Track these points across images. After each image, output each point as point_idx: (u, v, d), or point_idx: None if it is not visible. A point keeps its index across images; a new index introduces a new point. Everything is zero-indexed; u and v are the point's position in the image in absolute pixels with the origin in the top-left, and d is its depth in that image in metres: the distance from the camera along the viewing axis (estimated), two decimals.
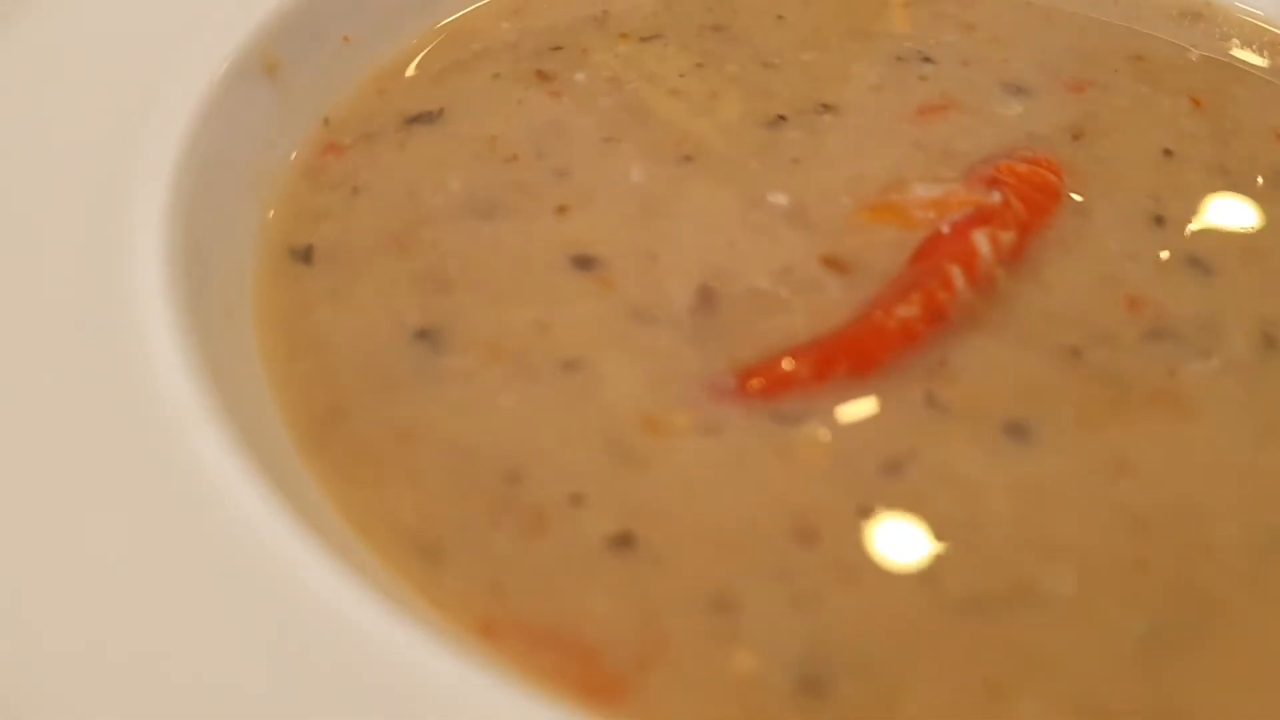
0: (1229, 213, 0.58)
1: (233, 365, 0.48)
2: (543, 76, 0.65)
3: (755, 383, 0.49)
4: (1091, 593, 0.43)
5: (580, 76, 0.65)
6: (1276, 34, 0.70)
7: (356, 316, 0.52)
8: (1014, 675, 0.41)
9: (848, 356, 0.50)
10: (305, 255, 0.55)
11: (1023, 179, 0.58)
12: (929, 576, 0.43)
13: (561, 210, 0.57)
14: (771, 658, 0.41)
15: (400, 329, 0.51)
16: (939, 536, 0.45)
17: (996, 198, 0.56)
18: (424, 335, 0.51)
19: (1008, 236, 0.54)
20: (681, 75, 0.66)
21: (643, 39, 0.68)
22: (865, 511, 0.45)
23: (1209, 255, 0.56)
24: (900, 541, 0.44)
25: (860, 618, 0.42)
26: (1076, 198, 0.58)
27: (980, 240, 0.53)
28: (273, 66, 0.59)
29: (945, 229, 0.55)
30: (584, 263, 0.55)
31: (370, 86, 0.64)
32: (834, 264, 0.55)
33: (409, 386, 0.49)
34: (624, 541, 0.44)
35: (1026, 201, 0.57)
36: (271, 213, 0.55)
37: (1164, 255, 0.56)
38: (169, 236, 0.49)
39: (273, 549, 0.40)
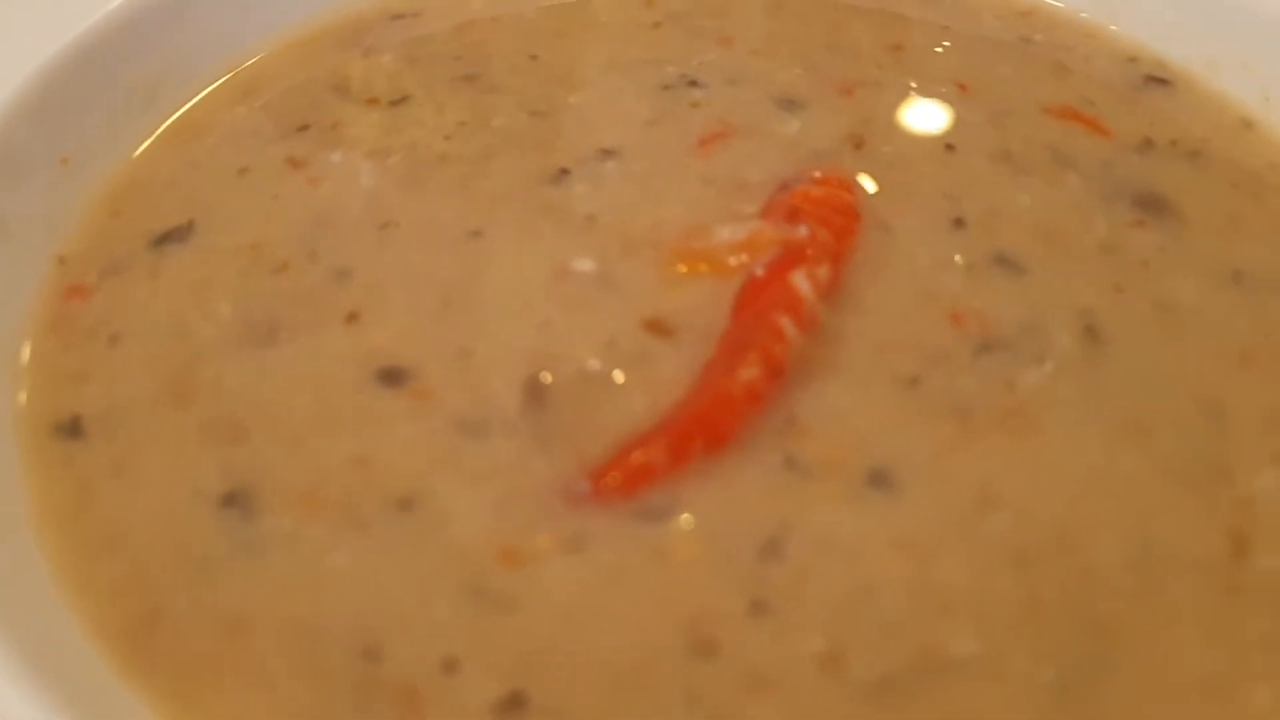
0: (1023, 200, 0.58)
1: (15, 585, 0.41)
2: (295, 164, 0.60)
3: (611, 480, 0.46)
4: (995, 646, 0.42)
5: (336, 157, 0.60)
6: (1023, 5, 0.71)
7: (148, 491, 0.46)
8: None
9: (701, 433, 0.47)
10: (73, 428, 0.48)
11: (821, 204, 0.56)
12: (836, 663, 0.41)
13: (352, 318, 0.52)
14: None
15: (200, 497, 0.46)
16: (836, 615, 0.42)
17: (802, 231, 0.54)
18: (230, 500, 0.46)
19: (823, 271, 0.53)
20: (447, 138, 0.61)
21: (393, 103, 0.64)
22: (758, 606, 0.43)
23: (1015, 251, 0.56)
24: (798, 631, 0.42)
25: None
26: (875, 213, 0.57)
27: (800, 281, 0.52)
28: None
29: (760, 272, 0.53)
30: (391, 376, 0.50)
31: (102, 210, 0.57)
32: (656, 328, 0.52)
33: (227, 565, 0.44)
34: (514, 703, 0.40)
35: (831, 228, 0.55)
36: (23, 395, 0.48)
37: (972, 260, 0.55)
38: None
39: None
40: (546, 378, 0.49)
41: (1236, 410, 0.50)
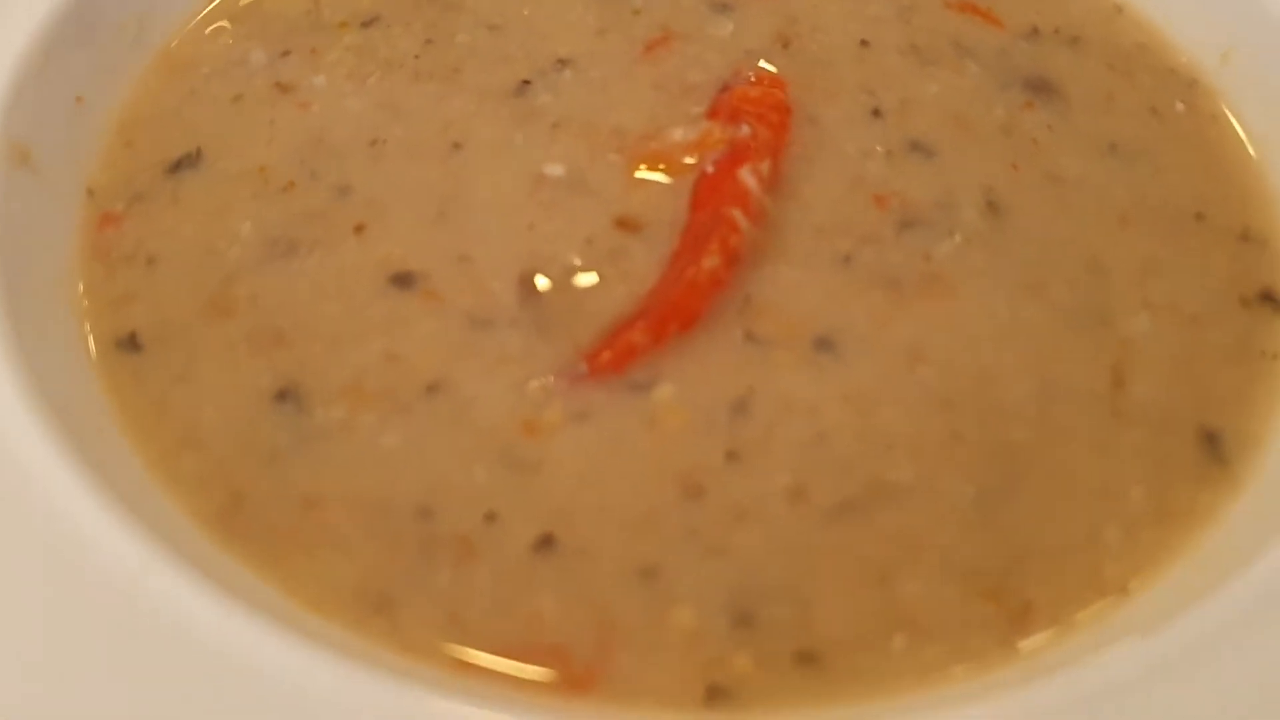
0: (931, 90, 0.67)
1: (123, 482, 0.49)
2: (283, 89, 0.66)
3: (603, 360, 0.54)
4: (927, 473, 0.52)
5: (320, 80, 0.66)
6: None
7: (212, 395, 0.54)
8: (894, 561, 0.50)
9: (674, 315, 0.55)
10: (132, 343, 0.55)
11: (758, 103, 0.64)
12: (801, 495, 0.51)
13: (360, 230, 0.59)
14: (705, 607, 0.48)
15: (259, 396, 0.54)
16: (798, 458, 0.52)
17: (745, 130, 0.62)
18: (284, 396, 0.54)
19: (765, 166, 0.61)
20: (416, 56, 0.67)
21: (363, 24, 0.69)
22: (733, 455, 0.52)
23: (926, 136, 0.64)
24: (769, 473, 0.52)
25: (763, 550, 0.50)
26: (804, 108, 0.65)
27: (747, 178, 0.60)
28: (24, 155, 0.57)
29: (710, 169, 0.61)
30: (404, 280, 0.57)
31: (118, 142, 0.63)
32: (627, 225, 0.60)
33: (293, 453, 0.52)
34: (547, 543, 0.49)
35: (768, 125, 0.63)
36: (85, 320, 0.55)
37: (890, 147, 0.64)
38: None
39: (241, 654, 0.43)
40: (539, 276, 0.57)
41: (1116, 264, 0.60)
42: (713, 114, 0.64)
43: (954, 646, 0.48)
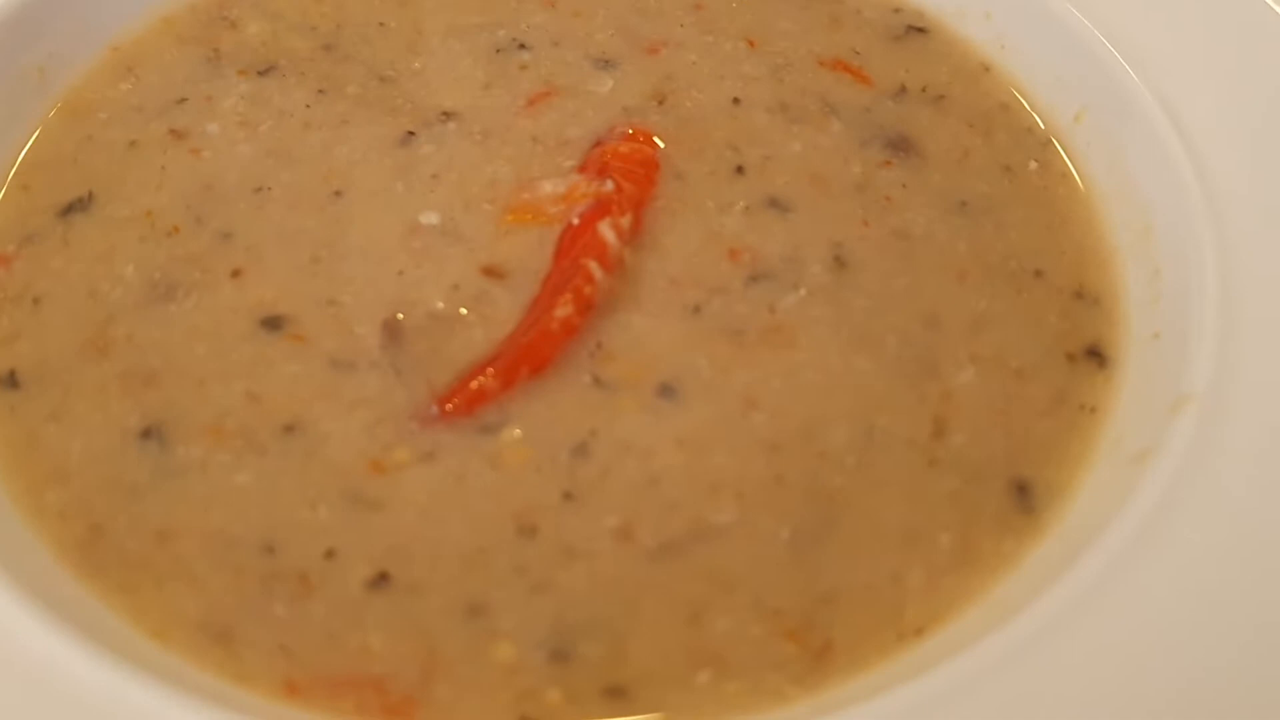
0: (794, 148, 0.70)
1: None
2: (177, 135, 0.69)
3: (454, 404, 0.58)
4: (749, 515, 0.56)
5: (213, 128, 0.70)
6: None
7: (81, 432, 0.57)
8: (707, 600, 0.53)
9: (525, 361, 0.59)
10: (11, 381, 0.59)
11: (627, 159, 0.68)
12: (627, 535, 0.55)
13: (236, 275, 0.63)
14: (525, 642, 0.52)
15: (125, 434, 0.57)
16: (629, 499, 0.56)
17: (609, 186, 0.66)
18: (148, 434, 0.57)
19: (626, 220, 0.65)
20: (308, 106, 0.71)
21: (260, 73, 0.73)
22: (569, 496, 0.56)
23: (783, 193, 0.68)
24: (599, 514, 0.55)
25: (587, 587, 0.53)
26: (672, 164, 0.69)
27: (606, 231, 0.63)
28: None
29: (575, 220, 0.65)
30: (273, 323, 0.61)
31: (15, 185, 0.66)
32: (493, 272, 0.63)
33: (153, 488, 0.55)
34: (382, 580, 0.53)
35: (634, 180, 0.67)
36: None
37: (749, 202, 0.67)
38: None
39: (87, 689, 0.47)
40: (401, 317, 0.61)
41: (950, 318, 0.63)
42: (583, 168, 0.68)
43: (753, 683, 0.51)
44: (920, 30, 0.78)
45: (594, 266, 0.62)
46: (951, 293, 0.65)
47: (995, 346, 0.62)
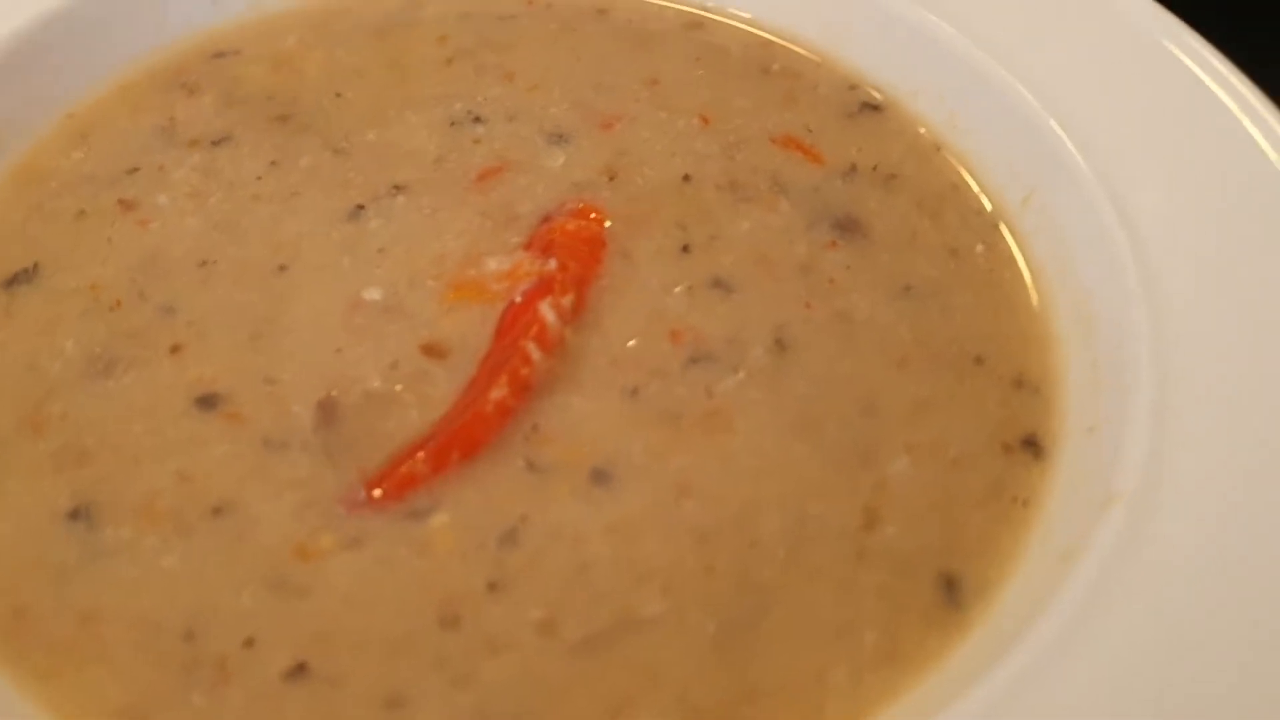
0: (742, 227, 0.71)
1: None
2: (126, 206, 0.70)
3: (383, 489, 0.58)
4: (676, 607, 0.55)
5: (163, 199, 0.70)
6: (765, 37, 0.83)
7: (11, 512, 0.57)
8: (630, 694, 0.53)
9: (457, 445, 0.59)
10: None
11: (573, 236, 0.68)
12: (551, 628, 0.55)
13: (176, 350, 0.63)
14: None
15: (54, 515, 0.57)
16: (556, 589, 0.56)
17: (552, 265, 0.66)
18: (77, 515, 0.57)
19: (568, 299, 0.65)
20: (259, 178, 0.71)
21: (214, 143, 0.73)
22: (495, 585, 0.56)
23: (728, 273, 0.68)
24: (524, 604, 0.55)
25: (507, 681, 0.53)
26: (619, 242, 0.69)
27: (546, 311, 0.64)
28: None
29: (518, 298, 0.65)
30: (209, 402, 0.61)
31: None
32: (433, 351, 0.64)
33: (79, 570, 0.55)
34: (300, 671, 0.53)
35: (579, 258, 0.67)
36: None
37: (693, 283, 0.67)
38: None
39: None
40: (337, 400, 0.61)
41: (889, 405, 0.63)
42: (529, 245, 0.68)
43: None
44: (874, 108, 0.79)
45: (532, 348, 0.62)
46: (892, 378, 0.65)
47: (933, 435, 0.62)
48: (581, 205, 0.71)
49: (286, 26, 0.81)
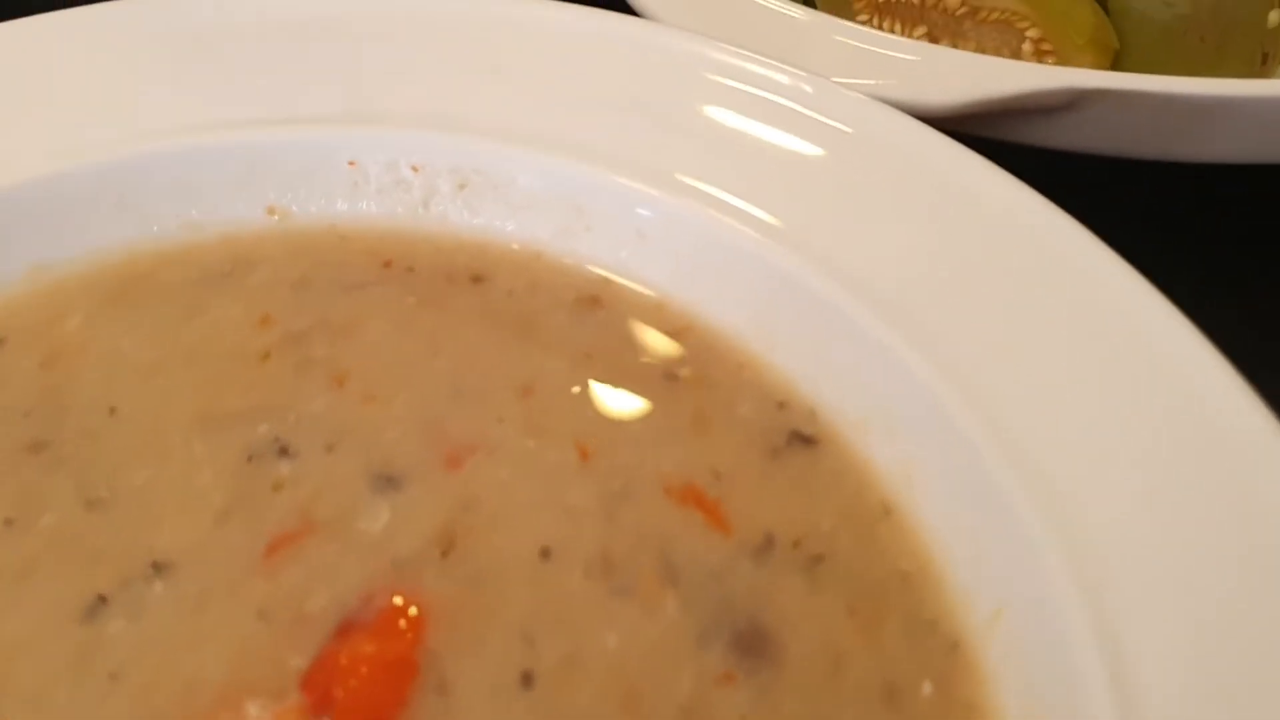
0: (609, 641, 0.53)
1: None
2: None
3: None
4: None
5: None
6: (677, 322, 0.65)
7: None
8: None
9: None
10: None
11: (372, 663, 0.51)
12: None
13: None
14: None
15: None
16: None
17: None
18: None
19: None
20: None
21: None
22: None
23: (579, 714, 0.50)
24: None
25: None
26: (437, 665, 0.52)
27: None
28: None
29: None
30: None
31: None
32: None
33: None
34: None
35: (374, 702, 0.50)
36: None
37: None
38: None
39: None
40: None
41: None
42: (307, 683, 0.51)
43: None
44: (806, 441, 0.60)
45: None
46: None
47: None
48: (395, 602, 0.53)
49: (71, 300, 0.64)
